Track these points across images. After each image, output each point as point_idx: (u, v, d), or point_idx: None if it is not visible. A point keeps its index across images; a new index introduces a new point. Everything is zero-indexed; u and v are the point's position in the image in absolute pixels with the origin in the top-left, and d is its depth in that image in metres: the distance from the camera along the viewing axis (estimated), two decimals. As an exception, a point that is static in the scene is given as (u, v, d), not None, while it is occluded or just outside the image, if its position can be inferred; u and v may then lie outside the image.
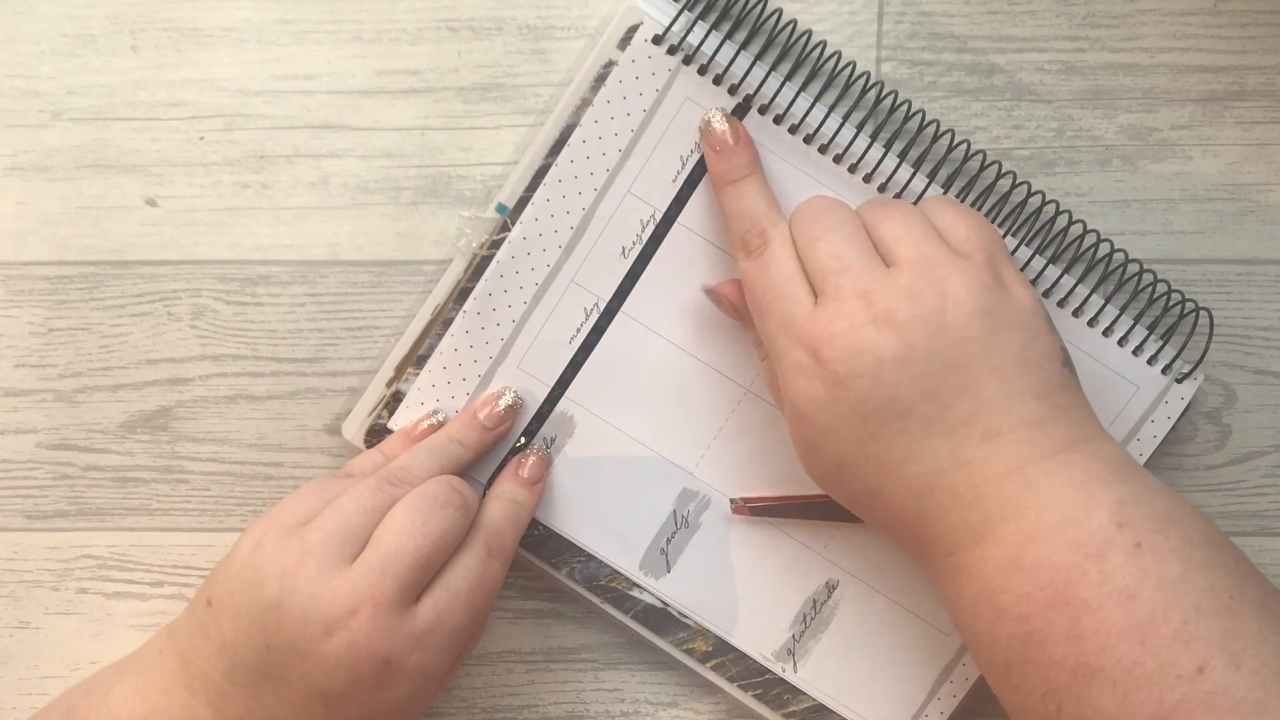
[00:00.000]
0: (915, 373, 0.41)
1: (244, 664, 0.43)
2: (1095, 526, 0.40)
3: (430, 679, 0.44)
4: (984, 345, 0.42)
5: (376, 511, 0.44)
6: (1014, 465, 0.41)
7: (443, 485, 0.45)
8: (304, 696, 0.42)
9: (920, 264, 0.42)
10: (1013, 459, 0.41)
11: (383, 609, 0.42)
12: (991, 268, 0.43)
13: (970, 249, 0.44)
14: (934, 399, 0.42)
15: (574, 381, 0.50)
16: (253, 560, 0.43)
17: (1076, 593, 0.39)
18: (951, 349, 0.42)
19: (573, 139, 0.49)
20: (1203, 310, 0.49)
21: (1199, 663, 0.37)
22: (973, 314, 0.42)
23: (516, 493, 0.49)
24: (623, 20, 0.48)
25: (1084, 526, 0.40)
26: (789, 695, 0.51)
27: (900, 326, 0.42)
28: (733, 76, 0.48)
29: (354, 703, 0.43)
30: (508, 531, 0.47)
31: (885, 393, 0.42)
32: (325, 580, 0.42)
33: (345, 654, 0.42)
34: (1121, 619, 0.38)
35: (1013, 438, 0.41)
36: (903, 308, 0.42)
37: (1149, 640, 0.38)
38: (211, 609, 0.43)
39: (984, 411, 0.42)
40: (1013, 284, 0.44)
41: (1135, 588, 0.39)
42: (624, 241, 0.49)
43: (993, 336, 0.42)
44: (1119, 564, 0.39)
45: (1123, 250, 0.49)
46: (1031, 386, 0.42)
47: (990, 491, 0.41)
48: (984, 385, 0.42)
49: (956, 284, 0.42)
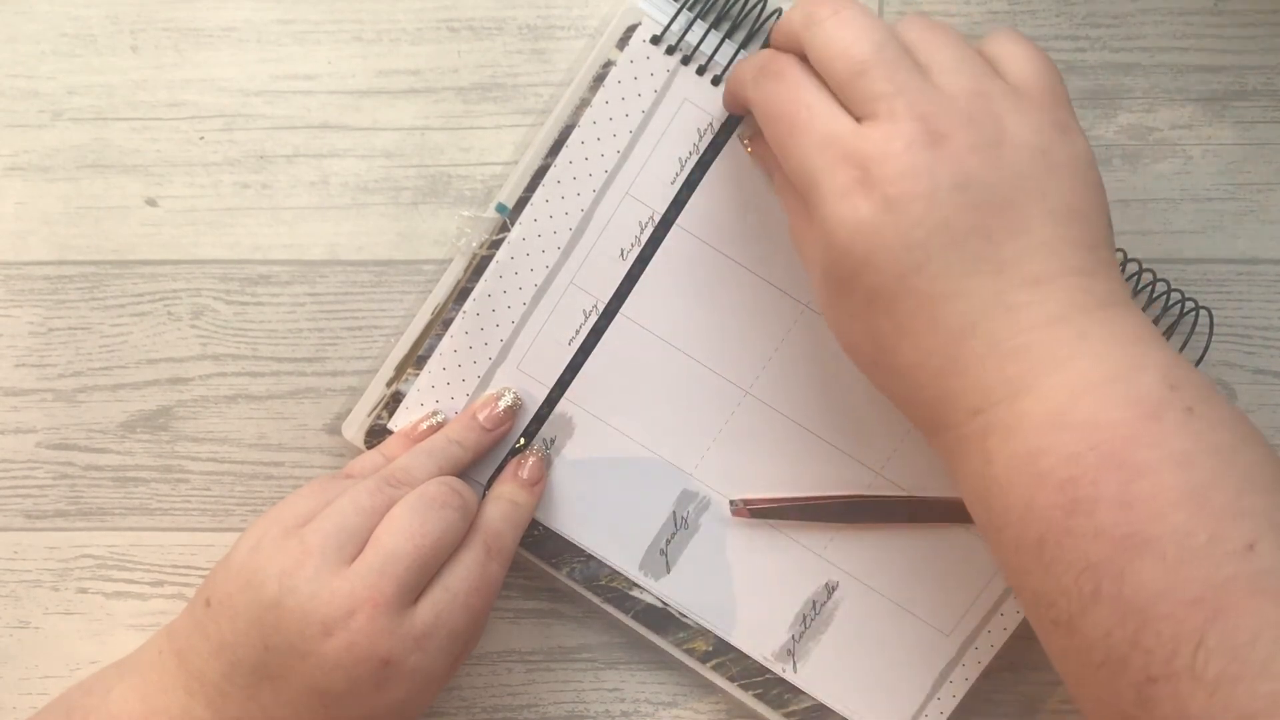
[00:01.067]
0: (971, 202, 0.38)
1: (242, 664, 0.43)
2: (1150, 385, 0.37)
3: (429, 680, 0.44)
4: (1040, 186, 0.39)
5: (376, 512, 0.44)
6: (1062, 313, 0.38)
7: (442, 486, 0.45)
8: (303, 697, 0.42)
9: (979, 95, 0.39)
10: (1061, 306, 0.38)
11: (382, 610, 0.42)
12: (1052, 110, 0.40)
13: (1032, 86, 0.40)
14: (985, 234, 0.38)
15: (573, 383, 0.50)
16: (252, 561, 0.43)
17: (1133, 454, 0.36)
18: (1007, 184, 0.39)
19: (571, 140, 0.49)
20: (1203, 310, 0.49)
21: (1250, 539, 0.35)
22: (1032, 152, 0.39)
23: (516, 493, 0.49)
24: (622, 20, 0.48)
25: (1138, 383, 0.37)
26: (789, 695, 0.51)
27: (959, 153, 0.38)
28: None
29: (353, 703, 0.42)
30: (507, 532, 0.47)
31: (938, 216, 0.38)
32: (324, 581, 0.42)
33: (344, 655, 0.42)
34: (1177, 485, 0.35)
35: (1062, 284, 0.38)
36: (962, 136, 0.39)
37: (1204, 509, 0.35)
38: (210, 609, 0.44)
39: (1034, 254, 0.39)
40: (1072, 129, 0.41)
41: (1192, 452, 0.36)
42: (622, 244, 0.49)
43: (1048, 178, 0.39)
44: (1174, 426, 0.36)
45: (1121, 250, 0.49)
46: (1083, 236, 0.39)
47: (1035, 340, 0.38)
48: (1036, 227, 0.39)
49: (1015, 120, 0.39)
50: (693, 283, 0.49)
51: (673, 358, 0.50)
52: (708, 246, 0.49)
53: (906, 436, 0.49)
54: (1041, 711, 0.52)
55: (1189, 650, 0.34)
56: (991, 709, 0.52)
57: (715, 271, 0.49)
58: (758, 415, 0.50)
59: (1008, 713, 0.52)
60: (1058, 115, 0.40)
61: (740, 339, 0.50)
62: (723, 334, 0.50)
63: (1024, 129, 0.39)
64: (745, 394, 0.50)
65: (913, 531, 0.50)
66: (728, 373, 0.50)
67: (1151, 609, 0.35)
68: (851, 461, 0.50)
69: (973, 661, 0.50)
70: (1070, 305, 0.38)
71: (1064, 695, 0.52)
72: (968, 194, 0.38)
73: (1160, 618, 0.35)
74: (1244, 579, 0.34)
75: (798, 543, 0.50)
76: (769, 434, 0.50)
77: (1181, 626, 0.35)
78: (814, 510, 0.50)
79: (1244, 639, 0.34)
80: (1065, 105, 0.41)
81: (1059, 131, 0.40)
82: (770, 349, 0.49)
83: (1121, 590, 0.36)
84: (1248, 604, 0.34)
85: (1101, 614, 0.36)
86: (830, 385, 0.49)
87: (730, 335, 0.50)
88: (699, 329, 0.49)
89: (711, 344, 0.50)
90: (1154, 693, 0.35)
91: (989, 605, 0.50)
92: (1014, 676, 0.52)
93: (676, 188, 0.49)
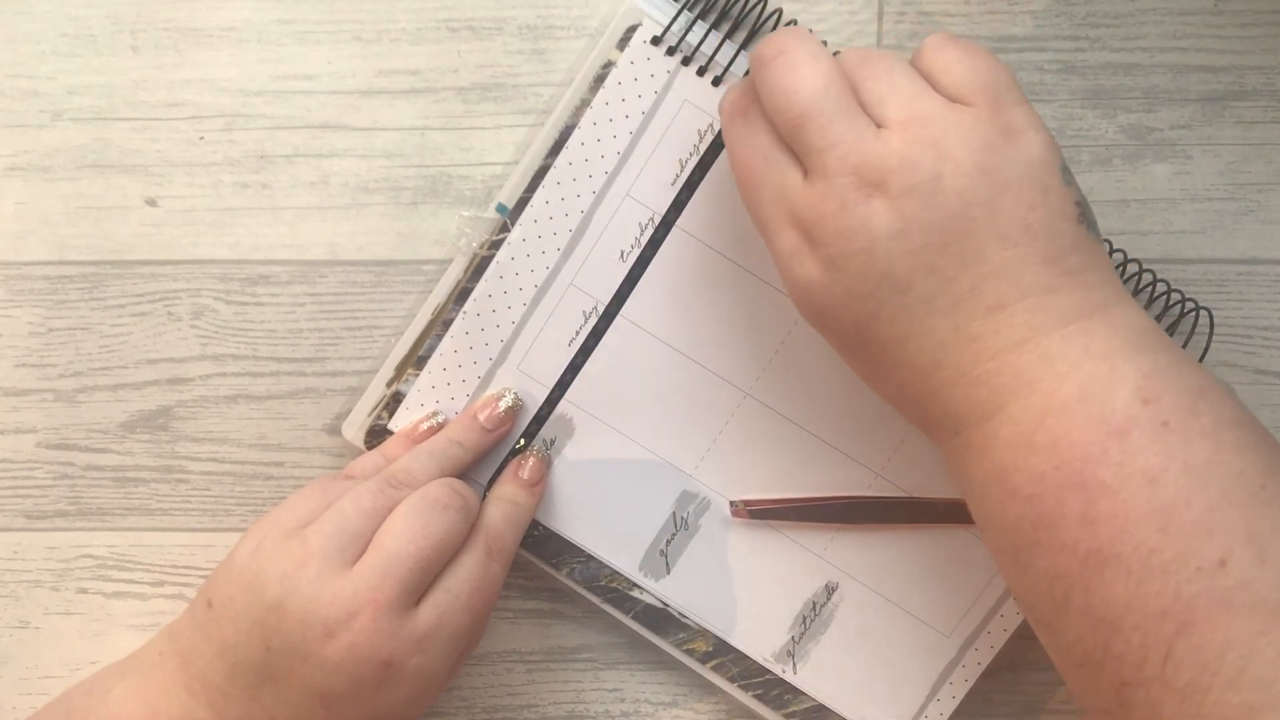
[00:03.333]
0: (913, 247, 0.38)
1: (244, 666, 0.43)
2: (1119, 402, 0.37)
3: (431, 680, 0.44)
4: (987, 210, 0.38)
5: (377, 514, 0.44)
6: (1024, 337, 0.38)
7: (443, 488, 0.45)
8: (304, 698, 0.42)
9: (912, 124, 0.39)
10: (1022, 331, 0.38)
11: (384, 611, 0.42)
12: (996, 115, 0.39)
13: (970, 93, 0.39)
14: (933, 274, 0.39)
15: (573, 384, 0.50)
16: (253, 562, 0.43)
17: (1094, 473, 0.36)
18: (951, 219, 0.38)
19: (571, 140, 0.49)
20: (1203, 310, 0.49)
21: (1221, 554, 0.35)
22: (974, 175, 0.38)
23: (516, 494, 0.49)
24: (622, 20, 0.48)
25: (1106, 401, 0.37)
26: (789, 696, 0.51)
27: (895, 200, 0.38)
28: (732, 77, 0.48)
29: (354, 705, 0.43)
30: (508, 533, 0.47)
31: (880, 268, 0.39)
32: (326, 582, 0.42)
33: (346, 656, 0.42)
34: (1141, 503, 0.36)
35: (1021, 308, 0.38)
36: (897, 180, 0.38)
37: (1170, 527, 0.35)
38: (212, 610, 0.44)
39: (989, 282, 0.38)
40: (1021, 129, 0.39)
41: (1159, 470, 0.36)
42: (622, 245, 0.49)
43: (997, 199, 0.38)
44: (1143, 443, 0.36)
45: (1121, 250, 0.49)
46: (1040, 251, 0.39)
47: (999, 366, 0.39)
48: (988, 254, 0.38)
49: (954, 141, 0.38)
50: (693, 284, 0.49)
51: (672, 359, 0.50)
52: (708, 248, 0.49)
53: (906, 437, 0.49)
54: (1042, 711, 0.52)
55: (1158, 660, 0.35)
56: (991, 709, 0.52)
57: (715, 273, 0.49)
58: (757, 416, 0.50)
59: (1008, 713, 0.52)
60: (1002, 119, 0.39)
61: (740, 340, 0.50)
62: (723, 336, 0.50)
63: (965, 149, 0.38)
64: (745, 395, 0.50)
65: (912, 532, 0.50)
66: (728, 374, 0.50)
67: (1120, 620, 0.36)
68: (851, 462, 0.50)
69: (973, 662, 0.50)
70: (1031, 328, 0.39)
71: (1064, 695, 0.52)
72: (908, 240, 0.39)
73: (1130, 628, 0.36)
74: (1212, 594, 0.35)
75: (797, 543, 0.50)
76: (769, 435, 0.50)
77: (1149, 637, 0.35)
78: (814, 511, 0.50)
79: (1213, 653, 0.34)
80: (1012, 102, 0.40)
81: (1005, 139, 0.39)
82: (770, 351, 0.49)
83: (1090, 601, 0.36)
84: (1217, 619, 0.35)
85: (1074, 621, 0.37)
86: (830, 386, 0.49)
87: (730, 337, 0.50)
88: (699, 330, 0.49)
89: (711, 345, 0.50)
90: (1129, 696, 0.36)
91: (989, 606, 0.50)
92: (1014, 677, 0.52)
93: (677, 189, 0.49)
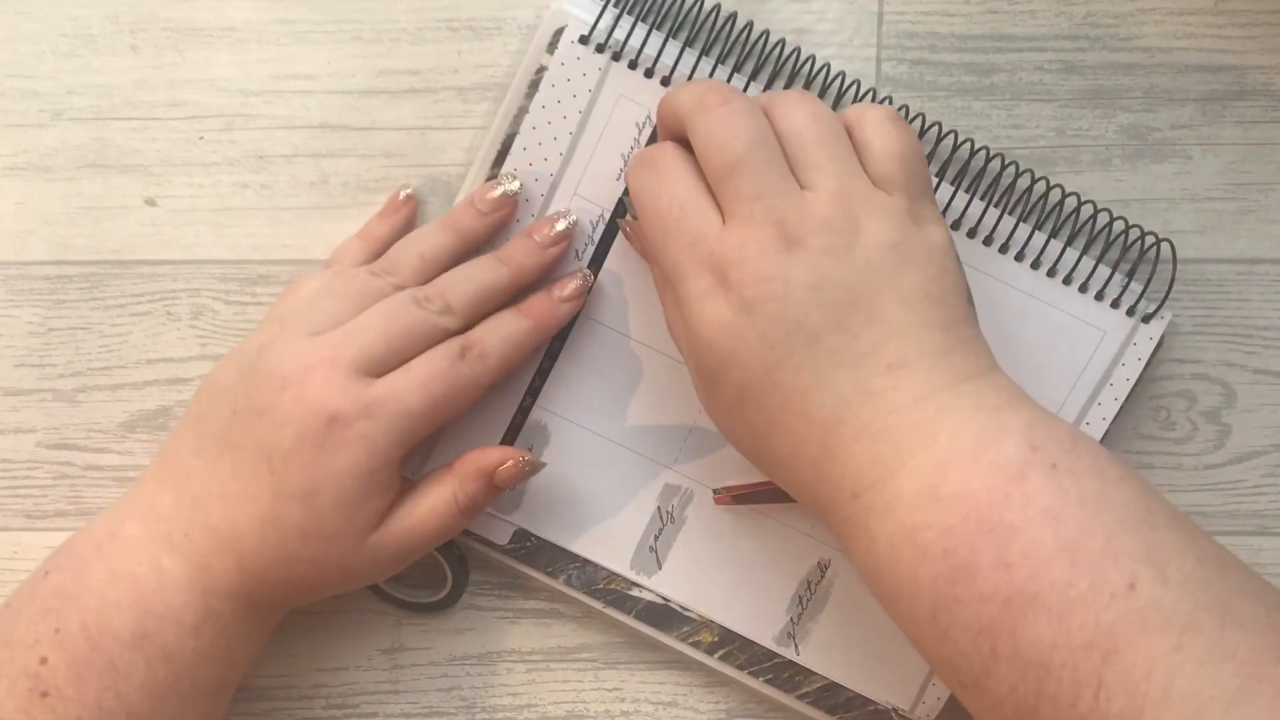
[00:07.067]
0: (824, 300, 0.41)
1: (210, 436, 0.45)
2: (1011, 449, 0.39)
3: (375, 457, 0.43)
4: (893, 278, 0.41)
5: (366, 297, 0.46)
6: (922, 393, 0.40)
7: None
8: (254, 462, 0.43)
9: (839, 197, 0.42)
10: (921, 387, 0.40)
11: (338, 369, 0.43)
12: (910, 207, 0.42)
13: (894, 184, 0.43)
14: (841, 329, 0.41)
15: (544, 389, 0.50)
16: (239, 346, 0.46)
17: (1002, 517, 0.38)
18: (859, 280, 0.41)
19: (514, 148, 0.49)
20: (1163, 242, 0.49)
21: (1129, 579, 0.36)
22: (886, 249, 0.41)
23: (514, 314, 0.48)
24: (549, 24, 0.48)
25: (999, 450, 0.39)
26: (800, 677, 0.51)
27: (812, 256, 0.41)
28: (664, 69, 0.48)
29: (296, 464, 0.43)
30: (490, 337, 0.46)
31: (793, 316, 0.41)
32: (295, 344, 0.44)
33: (294, 406, 0.43)
34: (1049, 540, 0.37)
35: (920, 366, 0.41)
36: (816, 240, 0.41)
37: (1079, 559, 0.37)
38: (195, 394, 0.46)
39: (890, 341, 0.41)
40: (928, 221, 0.43)
41: (1058, 507, 0.38)
42: (577, 245, 0.49)
43: (901, 270, 0.41)
44: (1040, 485, 0.38)
45: (1075, 193, 0.49)
46: (938, 319, 0.41)
47: (899, 420, 0.40)
48: (891, 316, 0.41)
49: (872, 221, 0.42)
50: (649, 276, 0.49)
51: (639, 353, 0.50)
52: None
53: None
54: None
55: (1090, 693, 0.36)
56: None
57: None
58: None
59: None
60: (914, 208, 0.43)
61: None
62: None
63: (879, 228, 0.41)
64: None
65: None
66: None
67: (1048, 660, 0.37)
68: None
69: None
70: (929, 385, 0.40)
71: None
72: (821, 294, 0.41)
73: (1058, 666, 0.36)
74: (1130, 617, 0.36)
75: (784, 524, 0.50)
76: None
77: (1079, 672, 0.36)
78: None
79: (1140, 675, 0.35)
80: (923, 195, 0.43)
81: (914, 224, 0.42)
82: None
83: (1017, 647, 0.37)
84: (1137, 641, 0.36)
85: (1003, 672, 0.38)
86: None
87: None
88: (662, 322, 0.49)
89: None
90: None
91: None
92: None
93: (623, 184, 0.49)
